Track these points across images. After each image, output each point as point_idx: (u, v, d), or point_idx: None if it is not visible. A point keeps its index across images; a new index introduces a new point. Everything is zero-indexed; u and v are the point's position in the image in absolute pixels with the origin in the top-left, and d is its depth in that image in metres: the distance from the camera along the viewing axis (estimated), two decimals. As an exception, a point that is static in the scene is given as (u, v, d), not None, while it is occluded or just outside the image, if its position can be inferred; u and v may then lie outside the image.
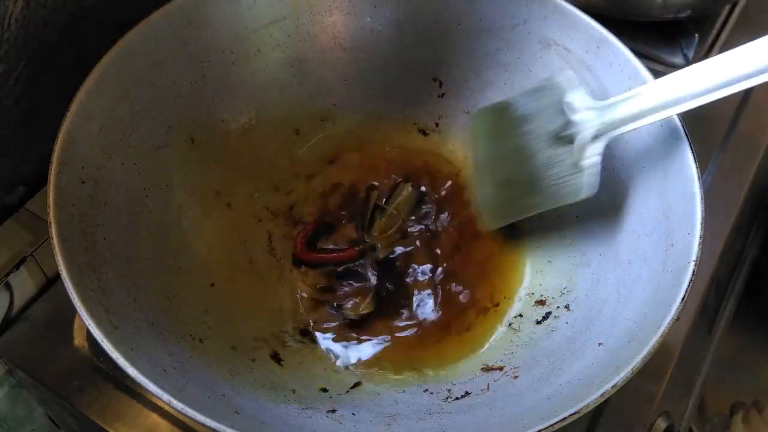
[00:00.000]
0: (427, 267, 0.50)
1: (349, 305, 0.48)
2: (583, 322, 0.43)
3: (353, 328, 0.48)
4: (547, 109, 0.46)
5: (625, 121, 0.42)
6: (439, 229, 0.52)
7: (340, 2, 0.51)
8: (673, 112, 0.41)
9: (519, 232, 0.51)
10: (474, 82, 0.53)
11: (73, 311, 0.35)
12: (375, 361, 0.46)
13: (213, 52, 0.48)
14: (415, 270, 0.50)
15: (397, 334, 0.48)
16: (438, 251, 0.51)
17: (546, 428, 0.33)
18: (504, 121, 0.49)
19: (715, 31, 0.67)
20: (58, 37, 0.47)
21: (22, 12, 0.44)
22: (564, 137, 0.45)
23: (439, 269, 0.50)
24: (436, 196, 0.53)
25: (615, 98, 0.43)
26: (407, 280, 0.50)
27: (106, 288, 0.38)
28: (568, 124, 0.44)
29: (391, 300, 0.49)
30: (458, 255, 0.51)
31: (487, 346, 0.46)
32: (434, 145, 0.55)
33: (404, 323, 0.48)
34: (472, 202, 0.52)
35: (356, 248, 0.51)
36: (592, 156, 0.44)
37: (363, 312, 0.48)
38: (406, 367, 0.46)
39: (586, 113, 0.44)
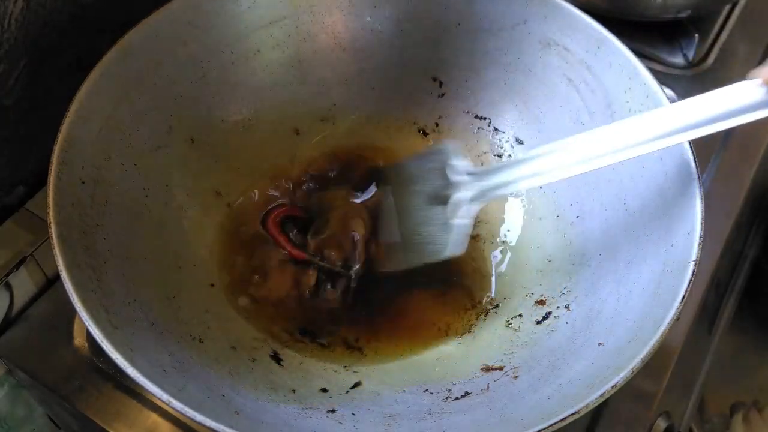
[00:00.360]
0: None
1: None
2: (583, 322, 0.43)
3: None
4: (431, 171, 0.48)
5: (498, 187, 0.44)
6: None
7: (340, 2, 0.51)
8: (546, 180, 0.42)
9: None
10: (474, 82, 0.53)
11: (73, 311, 0.35)
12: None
13: (213, 52, 0.48)
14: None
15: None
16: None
17: (546, 428, 0.33)
18: (397, 180, 0.50)
19: (715, 31, 0.67)
20: (58, 37, 0.47)
21: (22, 12, 0.44)
22: (441, 197, 0.46)
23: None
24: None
25: (494, 165, 0.45)
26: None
27: (106, 288, 0.38)
28: (447, 186, 0.46)
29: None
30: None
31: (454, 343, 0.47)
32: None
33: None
34: None
35: (305, 254, 0.50)
36: (465, 217, 0.45)
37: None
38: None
39: (465, 177, 0.46)
